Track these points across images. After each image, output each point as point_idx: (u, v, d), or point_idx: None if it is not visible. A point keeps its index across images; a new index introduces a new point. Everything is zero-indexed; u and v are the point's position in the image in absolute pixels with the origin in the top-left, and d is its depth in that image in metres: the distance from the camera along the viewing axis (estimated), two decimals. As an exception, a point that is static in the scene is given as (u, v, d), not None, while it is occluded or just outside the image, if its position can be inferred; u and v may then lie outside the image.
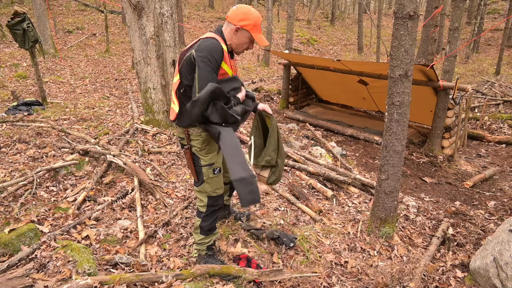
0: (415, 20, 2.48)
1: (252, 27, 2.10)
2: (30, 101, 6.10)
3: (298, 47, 15.85)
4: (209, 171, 2.28)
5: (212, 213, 2.39)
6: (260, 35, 2.14)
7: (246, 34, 2.12)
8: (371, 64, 7.10)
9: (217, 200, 2.38)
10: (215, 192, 2.34)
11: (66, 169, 3.64)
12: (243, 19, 2.07)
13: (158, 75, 4.83)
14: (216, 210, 2.41)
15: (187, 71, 2.07)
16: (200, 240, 2.45)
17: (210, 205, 2.36)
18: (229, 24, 2.11)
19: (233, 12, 2.11)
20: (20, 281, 2.00)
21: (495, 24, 18.65)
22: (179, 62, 2.13)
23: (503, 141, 5.97)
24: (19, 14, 5.61)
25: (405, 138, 2.76)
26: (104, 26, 12.16)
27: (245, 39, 2.14)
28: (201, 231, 2.42)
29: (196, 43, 2.07)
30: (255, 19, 2.09)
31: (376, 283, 2.46)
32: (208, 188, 2.32)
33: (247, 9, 2.11)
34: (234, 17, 2.09)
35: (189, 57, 2.03)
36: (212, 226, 2.43)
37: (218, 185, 2.34)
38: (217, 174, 2.32)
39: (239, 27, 2.08)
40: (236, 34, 2.11)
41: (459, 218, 3.44)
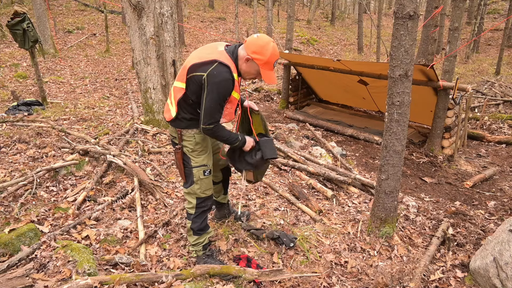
0: (415, 20, 2.48)
1: (264, 63, 2.05)
2: (30, 101, 6.11)
3: (298, 47, 15.85)
4: (200, 172, 2.29)
5: (201, 214, 2.40)
6: (270, 72, 2.08)
7: (256, 67, 2.08)
8: (371, 64, 7.10)
9: (206, 201, 2.38)
10: (204, 193, 2.35)
11: (66, 169, 3.64)
12: (257, 52, 2.02)
13: (158, 75, 4.83)
14: (205, 211, 2.42)
15: (194, 89, 2.06)
16: (195, 241, 2.45)
17: (199, 206, 2.37)
18: (244, 50, 2.07)
19: (251, 41, 2.05)
20: (20, 281, 2.00)
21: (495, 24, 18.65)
22: (187, 72, 2.06)
23: (503, 141, 5.97)
24: (19, 14, 5.61)
25: (405, 138, 2.76)
26: (104, 26, 12.16)
27: (253, 71, 2.11)
28: (193, 232, 2.43)
29: (210, 64, 1.98)
30: (269, 56, 2.02)
31: (376, 283, 2.46)
32: (197, 189, 2.32)
33: (265, 43, 2.03)
34: (249, 46, 2.04)
35: (199, 78, 2.00)
36: (203, 225, 2.44)
37: (207, 186, 2.35)
38: (207, 175, 2.33)
39: (250, 58, 2.04)
40: (246, 63, 2.07)
41: (459, 218, 3.44)
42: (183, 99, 2.14)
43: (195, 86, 2.05)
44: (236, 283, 2.27)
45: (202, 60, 2.01)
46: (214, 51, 2.08)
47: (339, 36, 19.58)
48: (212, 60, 1.99)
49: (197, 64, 2.02)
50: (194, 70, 2.02)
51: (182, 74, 2.11)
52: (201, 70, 1.99)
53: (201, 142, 2.28)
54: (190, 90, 2.08)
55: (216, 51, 2.07)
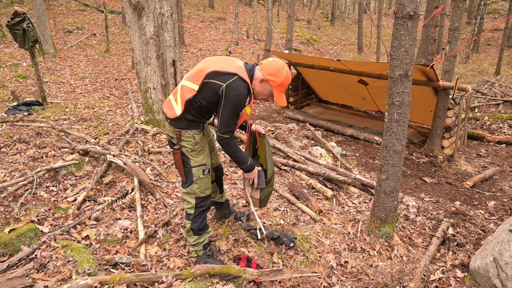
0: (415, 20, 2.48)
1: (278, 85, 2.16)
2: (30, 101, 6.11)
3: (298, 47, 15.85)
4: (199, 171, 2.30)
5: (200, 214, 2.40)
6: (281, 94, 2.20)
7: (269, 88, 2.18)
8: (371, 64, 7.10)
9: (205, 200, 2.39)
10: (203, 193, 2.36)
11: (66, 169, 3.64)
12: (272, 74, 2.13)
13: (158, 75, 4.83)
14: (204, 210, 2.42)
15: (206, 94, 2.11)
16: (195, 241, 2.45)
17: (198, 206, 2.38)
18: (259, 71, 2.17)
19: (267, 64, 2.16)
20: (20, 281, 2.00)
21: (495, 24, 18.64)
22: (205, 76, 2.09)
23: (503, 141, 5.97)
24: (19, 14, 5.61)
25: (405, 138, 2.76)
26: (104, 26, 12.16)
27: (266, 92, 2.21)
28: (193, 232, 2.43)
29: (230, 76, 2.07)
30: (283, 79, 2.15)
31: (376, 283, 2.46)
32: (196, 188, 2.33)
33: (281, 66, 2.15)
34: (265, 68, 2.15)
35: (217, 87, 2.06)
36: (202, 225, 2.44)
37: (206, 186, 2.36)
38: (207, 175, 2.34)
39: (265, 79, 2.15)
40: (260, 83, 2.17)
41: (459, 218, 3.44)
42: (191, 101, 2.16)
43: (208, 92, 2.10)
44: (236, 283, 2.27)
45: (222, 69, 2.08)
46: (234, 64, 2.16)
47: (339, 36, 19.58)
48: (232, 73, 2.08)
49: (217, 72, 2.08)
50: (212, 77, 2.08)
51: (197, 76, 2.13)
52: (220, 80, 2.06)
53: (200, 142, 2.30)
54: (202, 94, 2.12)
55: (236, 65, 2.16)
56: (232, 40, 15.25)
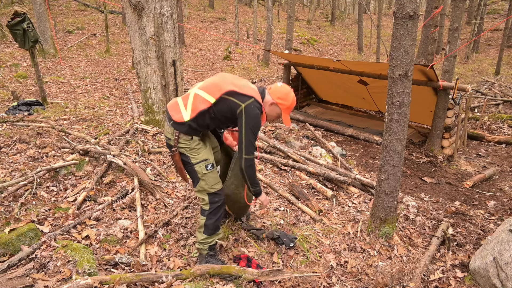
0: (415, 20, 2.48)
1: (286, 108, 2.37)
2: (30, 101, 6.11)
3: (298, 47, 15.85)
4: (202, 168, 2.31)
5: (216, 210, 2.40)
6: (288, 116, 2.40)
7: (278, 110, 2.37)
8: (371, 64, 7.11)
9: (217, 196, 2.39)
10: (213, 188, 2.36)
11: (66, 169, 3.64)
12: (282, 98, 2.33)
13: (158, 75, 4.84)
14: (219, 206, 2.41)
15: (223, 109, 2.22)
16: (203, 239, 2.45)
17: (212, 202, 2.38)
18: (269, 95, 2.35)
19: (276, 89, 2.37)
20: (20, 281, 2.00)
21: (495, 24, 18.65)
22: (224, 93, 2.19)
23: (503, 141, 5.97)
24: (19, 14, 5.61)
25: (405, 138, 2.76)
26: (104, 26, 12.16)
27: (275, 114, 2.39)
28: (205, 229, 2.42)
29: (247, 98, 2.19)
30: (290, 102, 2.36)
31: (376, 283, 2.47)
32: (205, 185, 2.34)
33: (288, 91, 2.37)
34: (275, 93, 2.34)
35: (235, 106, 2.19)
36: (217, 225, 2.44)
37: (214, 181, 2.37)
38: (211, 169, 2.34)
39: (275, 103, 2.33)
40: (270, 106, 2.35)
41: (459, 218, 3.44)
42: (205, 111, 2.22)
43: (225, 108, 2.22)
44: (236, 283, 2.27)
45: (240, 90, 2.22)
46: (249, 85, 2.31)
47: (339, 36, 19.59)
48: (250, 95, 2.22)
49: (236, 92, 2.21)
50: (231, 95, 2.21)
51: (214, 90, 2.22)
52: (238, 99, 2.19)
53: (198, 141, 2.32)
54: (218, 107, 2.23)
55: (252, 88, 2.29)
56: (232, 40, 15.25)
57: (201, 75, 10.97)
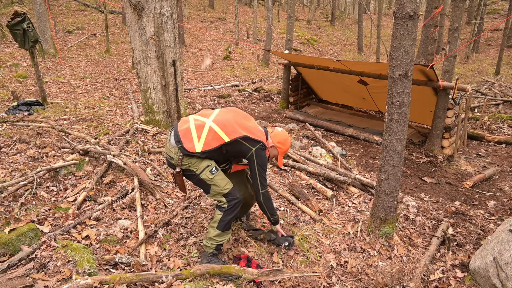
0: (415, 20, 2.48)
1: (282, 151, 2.69)
2: (30, 101, 6.11)
3: (298, 47, 15.86)
4: (207, 174, 2.39)
5: (234, 207, 2.45)
6: (281, 158, 2.74)
7: (275, 152, 2.66)
8: (371, 64, 7.11)
9: (232, 194, 2.45)
10: (226, 189, 2.42)
11: (66, 169, 3.64)
12: (281, 142, 2.66)
13: (158, 75, 4.84)
14: (238, 202, 2.46)
15: (235, 149, 2.44)
16: (215, 236, 2.47)
17: (230, 200, 2.45)
18: (270, 139, 2.65)
19: (277, 133, 2.69)
20: (20, 281, 2.00)
21: (495, 24, 18.65)
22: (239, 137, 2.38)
23: (503, 141, 5.97)
24: (19, 14, 5.61)
25: (405, 138, 2.76)
26: (104, 26, 12.16)
27: (272, 155, 2.66)
28: (219, 224, 2.45)
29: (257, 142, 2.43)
30: (287, 147, 2.71)
31: (376, 283, 2.47)
32: (217, 189, 2.41)
33: (287, 136, 2.71)
34: (276, 137, 2.66)
35: (247, 149, 2.42)
36: (230, 223, 2.49)
37: (224, 181, 2.43)
38: (216, 173, 2.41)
39: (275, 146, 2.63)
40: (270, 147, 2.64)
41: (459, 218, 3.44)
42: (217, 148, 2.38)
43: (237, 149, 2.44)
44: (236, 283, 2.27)
45: (253, 136, 2.45)
46: (259, 130, 2.55)
47: (339, 36, 19.59)
48: (259, 140, 2.47)
49: (249, 137, 2.43)
50: (245, 140, 2.43)
51: (230, 131, 2.39)
52: (250, 144, 2.43)
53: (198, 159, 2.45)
54: (230, 147, 2.42)
55: (261, 132, 2.54)
56: (232, 40, 15.25)
57: (201, 75, 10.98)
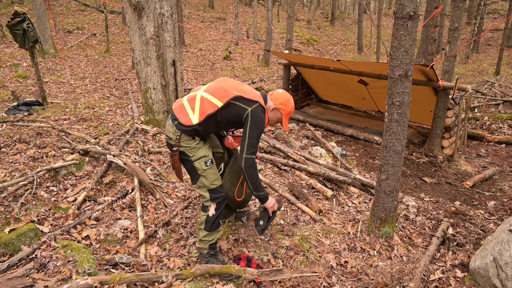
0: (415, 20, 2.48)
1: (287, 113, 2.49)
2: (30, 101, 6.11)
3: (298, 47, 15.85)
4: (201, 164, 2.35)
5: (217, 206, 2.41)
6: (287, 121, 2.53)
7: (279, 115, 2.49)
8: (371, 64, 7.10)
9: (218, 191, 2.41)
10: (214, 184, 2.39)
11: (66, 169, 3.64)
12: (283, 104, 2.46)
13: (158, 75, 4.84)
14: (221, 202, 2.43)
15: (229, 113, 2.30)
16: (204, 237, 2.45)
17: (213, 198, 2.40)
18: (271, 101, 2.47)
19: (278, 95, 2.49)
20: (20, 281, 2.01)
21: (495, 24, 18.65)
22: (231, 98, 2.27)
23: (503, 141, 5.97)
24: (19, 14, 5.61)
25: (405, 138, 2.76)
26: (104, 26, 12.16)
27: (275, 118, 2.51)
28: (206, 225, 2.42)
29: (253, 102, 2.29)
30: (291, 108, 2.50)
31: (376, 283, 2.47)
32: (205, 181, 2.37)
33: (289, 97, 2.50)
34: (277, 99, 2.47)
35: (242, 110, 2.27)
36: (218, 221, 2.45)
37: (214, 177, 2.39)
38: (210, 165, 2.38)
39: (277, 108, 2.45)
40: (272, 111, 2.46)
41: (459, 218, 3.44)
42: (213, 115, 2.28)
43: (232, 113, 2.31)
44: (236, 283, 2.27)
45: (246, 96, 2.31)
46: (254, 91, 2.41)
47: (339, 36, 19.59)
48: (255, 100, 2.32)
49: (242, 97, 2.31)
50: (238, 100, 2.30)
51: (221, 95, 2.29)
52: (245, 104, 2.29)
53: (198, 141, 2.36)
54: (224, 112, 2.31)
55: (256, 93, 2.39)
56: (232, 40, 15.25)
57: (201, 75, 10.97)
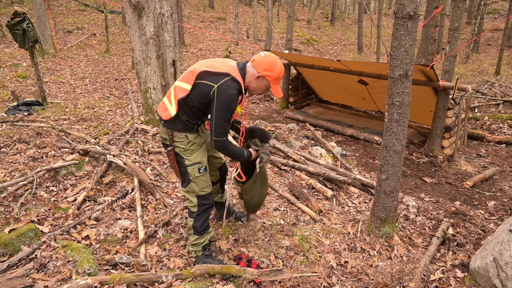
0: (415, 20, 2.48)
1: (274, 79, 2.18)
2: (30, 101, 6.10)
3: (298, 47, 15.84)
4: (195, 170, 2.30)
5: (203, 212, 2.40)
6: (277, 86, 2.21)
7: (266, 83, 2.19)
8: (371, 64, 7.10)
9: (206, 198, 2.39)
10: (203, 191, 2.35)
11: (66, 169, 3.64)
12: (268, 69, 2.14)
13: (158, 75, 4.83)
14: (207, 208, 2.41)
15: (198, 95, 2.11)
16: (195, 240, 2.45)
17: (200, 204, 2.37)
18: (253, 68, 2.17)
19: (260, 59, 2.15)
20: (20, 281, 2.00)
21: (495, 24, 18.65)
22: (197, 77, 2.09)
23: (503, 141, 5.97)
24: (19, 14, 5.61)
25: (405, 138, 2.76)
26: (104, 26, 12.16)
27: (263, 87, 2.22)
28: (195, 231, 2.42)
29: (222, 76, 2.05)
30: (278, 72, 2.16)
31: (376, 283, 2.46)
32: (195, 187, 2.33)
33: (274, 60, 2.16)
34: (260, 64, 2.14)
35: (208, 88, 2.06)
36: (205, 225, 2.44)
37: (205, 184, 2.36)
38: (203, 173, 2.33)
39: (262, 75, 2.15)
40: (256, 80, 2.18)
41: (459, 218, 3.44)
42: (184, 100, 2.16)
43: (200, 93, 2.10)
44: (236, 283, 2.27)
45: (214, 70, 2.08)
46: (226, 64, 2.16)
47: (339, 36, 19.58)
48: (225, 73, 2.07)
49: (208, 72, 2.08)
50: (203, 77, 2.08)
51: (189, 77, 2.14)
52: (211, 80, 2.05)
53: (194, 141, 2.29)
54: (194, 94, 2.13)
55: (229, 65, 2.15)
56: (232, 40, 15.24)
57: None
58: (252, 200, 2.66)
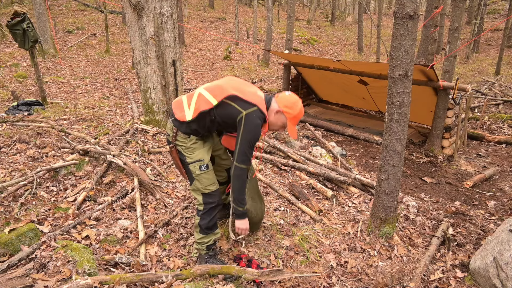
0: (415, 20, 2.48)
1: (292, 117, 2.28)
2: (30, 101, 6.10)
3: (298, 47, 15.85)
4: (196, 168, 2.30)
5: (209, 211, 2.39)
6: (294, 127, 2.30)
7: (283, 119, 2.29)
8: (371, 64, 7.10)
9: (212, 197, 2.37)
10: (207, 189, 2.35)
11: (66, 169, 3.64)
12: (288, 106, 2.25)
13: (158, 75, 4.84)
14: (214, 207, 2.40)
15: (223, 112, 2.18)
16: (200, 239, 2.44)
17: (206, 203, 2.37)
18: (275, 103, 2.29)
19: (284, 97, 2.30)
20: (20, 281, 2.00)
21: (495, 24, 18.64)
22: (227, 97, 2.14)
23: (503, 141, 5.97)
24: (19, 14, 5.61)
25: (405, 138, 2.76)
26: (104, 26, 12.15)
27: (280, 123, 2.31)
28: (200, 229, 2.42)
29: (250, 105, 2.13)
30: (297, 111, 2.27)
31: (376, 283, 2.46)
32: (199, 185, 2.34)
33: (295, 100, 2.29)
34: (281, 101, 2.27)
35: (236, 112, 2.13)
36: (211, 224, 2.42)
37: (208, 182, 2.35)
38: (205, 170, 2.33)
39: (281, 111, 2.25)
40: (275, 114, 2.28)
41: (459, 218, 3.44)
42: (206, 113, 2.20)
43: (226, 113, 2.18)
44: (236, 283, 2.27)
45: (244, 97, 2.16)
46: (256, 93, 2.24)
47: (339, 36, 19.58)
48: (253, 103, 2.16)
49: (239, 97, 2.16)
50: (233, 100, 2.16)
51: (217, 92, 2.19)
52: (240, 106, 2.14)
53: (195, 140, 2.31)
54: (219, 111, 2.19)
55: (258, 96, 2.23)
56: (232, 40, 15.24)
57: (201, 75, 10.97)
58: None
